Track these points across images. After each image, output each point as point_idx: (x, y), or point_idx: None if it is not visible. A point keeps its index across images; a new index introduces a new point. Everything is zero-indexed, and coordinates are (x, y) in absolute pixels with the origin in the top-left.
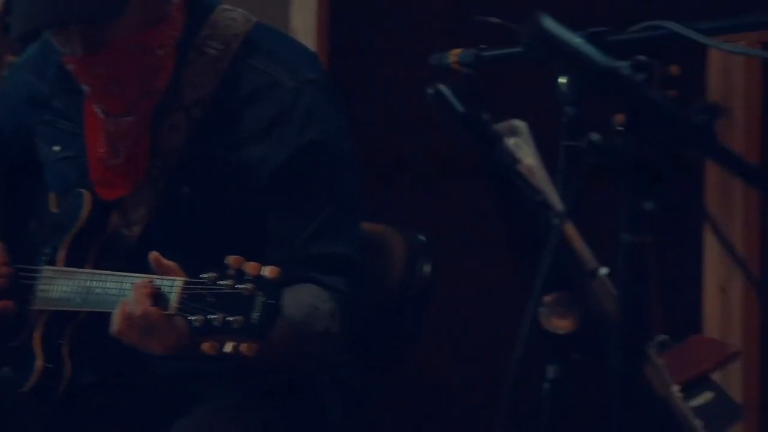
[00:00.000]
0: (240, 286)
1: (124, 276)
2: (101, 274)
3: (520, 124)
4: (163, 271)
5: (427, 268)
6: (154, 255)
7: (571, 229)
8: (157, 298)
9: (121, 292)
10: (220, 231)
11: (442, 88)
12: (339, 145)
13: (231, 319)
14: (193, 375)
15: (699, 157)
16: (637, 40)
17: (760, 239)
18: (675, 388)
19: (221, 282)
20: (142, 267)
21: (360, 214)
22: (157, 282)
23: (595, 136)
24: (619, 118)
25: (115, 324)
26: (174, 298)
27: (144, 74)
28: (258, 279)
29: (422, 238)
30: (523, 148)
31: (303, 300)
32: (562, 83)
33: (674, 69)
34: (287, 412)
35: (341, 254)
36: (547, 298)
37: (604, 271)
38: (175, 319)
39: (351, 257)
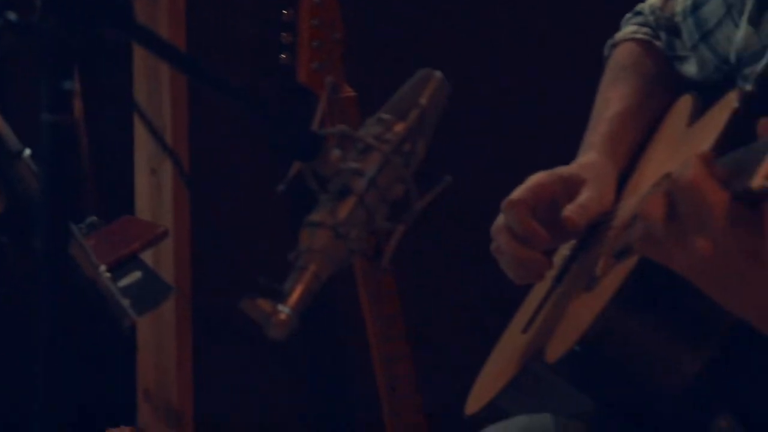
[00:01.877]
0: None
1: None
2: None
3: None
4: None
5: None
6: None
7: None
8: None
9: None
10: None
11: None
12: None
13: None
14: None
15: (122, 38)
16: None
17: (189, 122)
18: (102, 268)
19: None
20: None
21: None
22: None
23: (11, 15)
24: None
25: None
26: None
27: None
28: None
29: None
30: None
31: None
32: None
33: None
34: None
35: None
36: None
37: (27, 152)
38: None
39: None
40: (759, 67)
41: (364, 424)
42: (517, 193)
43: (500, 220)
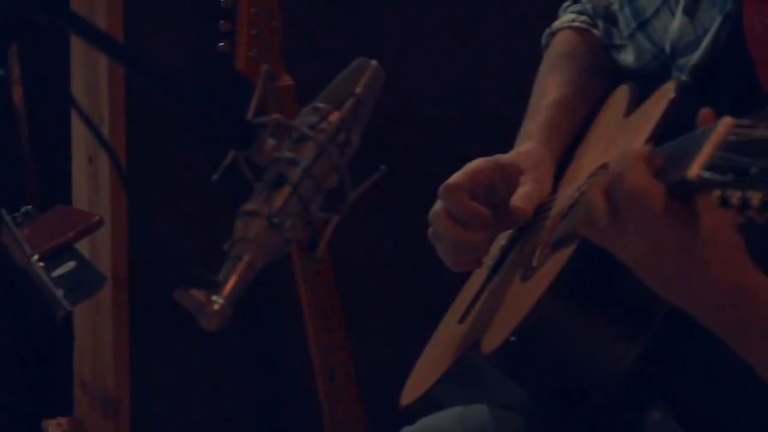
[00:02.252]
0: None
1: None
2: None
3: None
4: None
5: None
6: None
7: None
8: None
9: None
10: None
11: None
12: None
13: None
14: None
15: (59, 27)
16: None
17: (126, 113)
18: (35, 258)
19: None
20: None
21: None
22: None
23: None
24: None
25: None
26: None
27: None
28: None
29: None
30: None
31: None
32: None
33: None
34: None
35: None
36: None
37: None
38: None
39: None
40: (694, 58)
41: (301, 414)
42: (455, 177)
43: (438, 205)
